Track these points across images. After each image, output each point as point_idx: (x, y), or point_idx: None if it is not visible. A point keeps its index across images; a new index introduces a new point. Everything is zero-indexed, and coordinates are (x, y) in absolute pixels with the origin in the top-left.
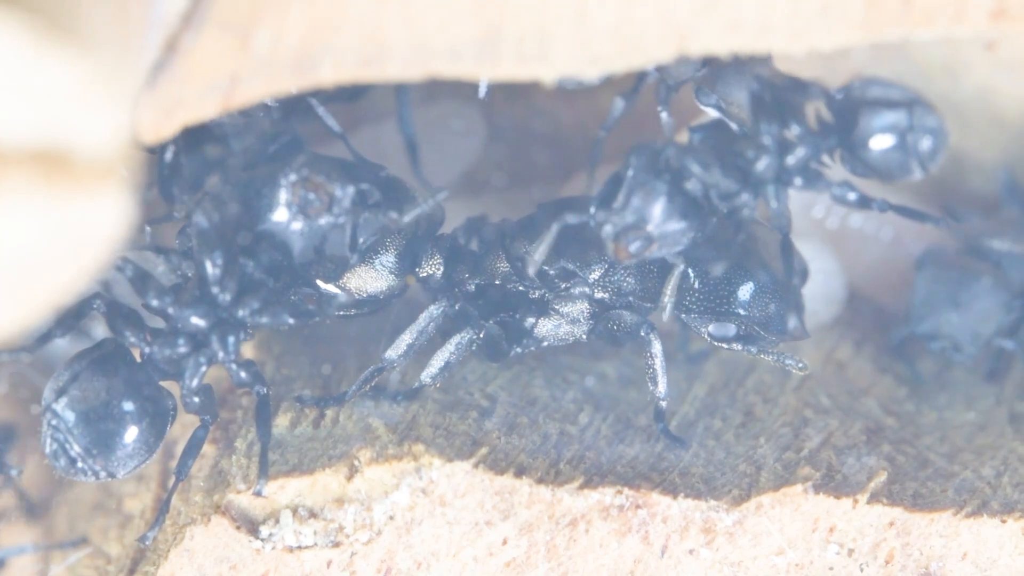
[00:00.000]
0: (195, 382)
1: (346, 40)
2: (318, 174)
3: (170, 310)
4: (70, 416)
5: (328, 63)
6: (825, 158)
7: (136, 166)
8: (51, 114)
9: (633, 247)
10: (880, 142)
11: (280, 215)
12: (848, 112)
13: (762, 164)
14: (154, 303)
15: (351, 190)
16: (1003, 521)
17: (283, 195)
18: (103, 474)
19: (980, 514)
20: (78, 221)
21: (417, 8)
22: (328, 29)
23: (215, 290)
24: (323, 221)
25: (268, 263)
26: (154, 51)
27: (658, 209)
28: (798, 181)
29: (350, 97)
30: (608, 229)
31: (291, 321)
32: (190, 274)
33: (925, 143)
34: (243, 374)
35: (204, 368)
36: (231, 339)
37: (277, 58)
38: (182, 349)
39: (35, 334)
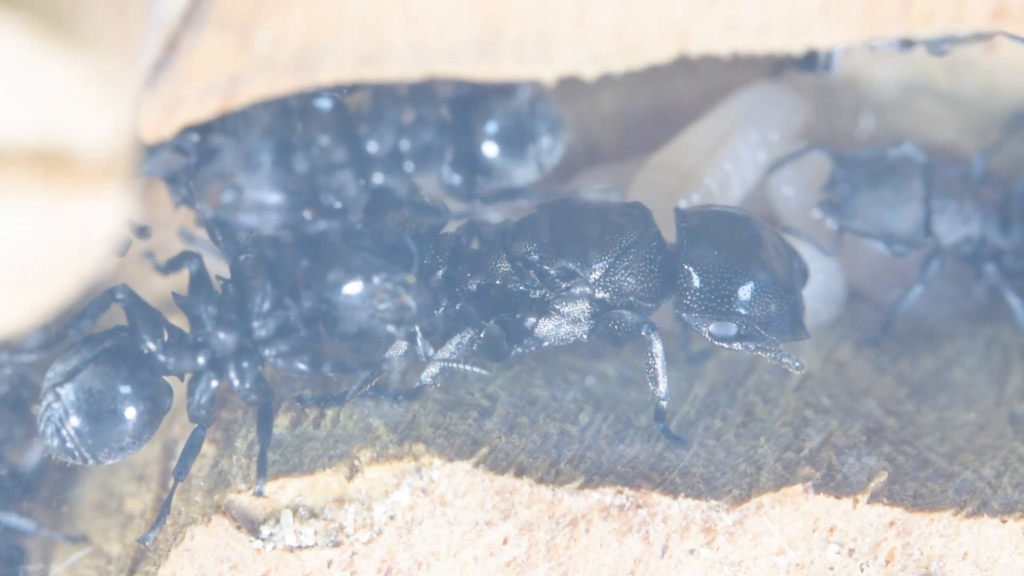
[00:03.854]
0: (205, 398)
1: (346, 40)
2: (408, 292)
3: (208, 323)
4: (71, 400)
5: (328, 63)
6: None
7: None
8: (51, 114)
9: (224, 197)
10: (498, 139)
11: (348, 296)
12: (467, 108)
13: (373, 146)
14: (201, 308)
15: (427, 315)
16: (1003, 521)
17: (364, 287)
18: (91, 460)
19: (980, 514)
20: (78, 221)
21: (417, 8)
22: (328, 29)
23: (255, 324)
24: (384, 326)
25: (309, 316)
26: (154, 50)
27: (254, 166)
28: (409, 165)
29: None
30: (204, 172)
31: (304, 369)
32: (230, 292)
33: (545, 142)
34: (253, 396)
35: (215, 386)
36: (247, 365)
37: (277, 58)
38: (200, 361)
39: (55, 328)
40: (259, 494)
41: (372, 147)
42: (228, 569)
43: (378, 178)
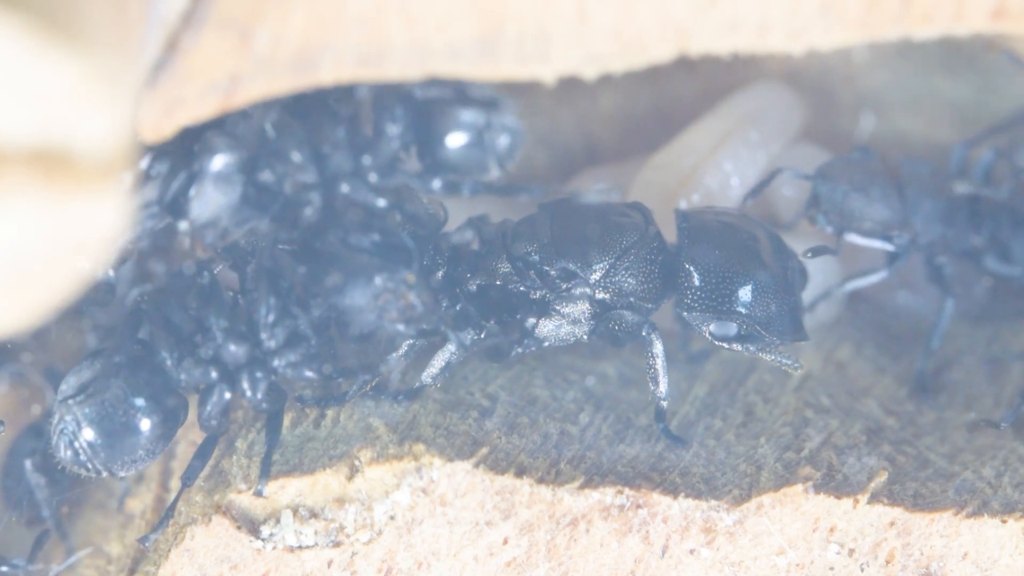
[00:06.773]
0: (217, 410)
1: (346, 40)
2: (412, 292)
3: (219, 336)
4: (85, 412)
5: (328, 63)
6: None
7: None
8: (51, 114)
9: (208, 240)
10: (457, 139)
11: (355, 298)
12: (426, 110)
13: (336, 160)
14: (213, 321)
15: (432, 318)
16: (1004, 521)
17: (370, 290)
18: (104, 472)
19: (981, 514)
20: (78, 221)
21: (417, 8)
22: (328, 29)
23: (263, 335)
24: (391, 326)
25: (318, 324)
26: (154, 50)
27: (231, 203)
28: (373, 176)
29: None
30: (184, 227)
31: (313, 377)
32: (241, 304)
33: (503, 141)
34: (265, 405)
35: (228, 398)
36: (259, 376)
37: (277, 58)
38: (213, 375)
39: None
40: (259, 494)
41: (333, 163)
42: (228, 569)
43: (344, 188)
